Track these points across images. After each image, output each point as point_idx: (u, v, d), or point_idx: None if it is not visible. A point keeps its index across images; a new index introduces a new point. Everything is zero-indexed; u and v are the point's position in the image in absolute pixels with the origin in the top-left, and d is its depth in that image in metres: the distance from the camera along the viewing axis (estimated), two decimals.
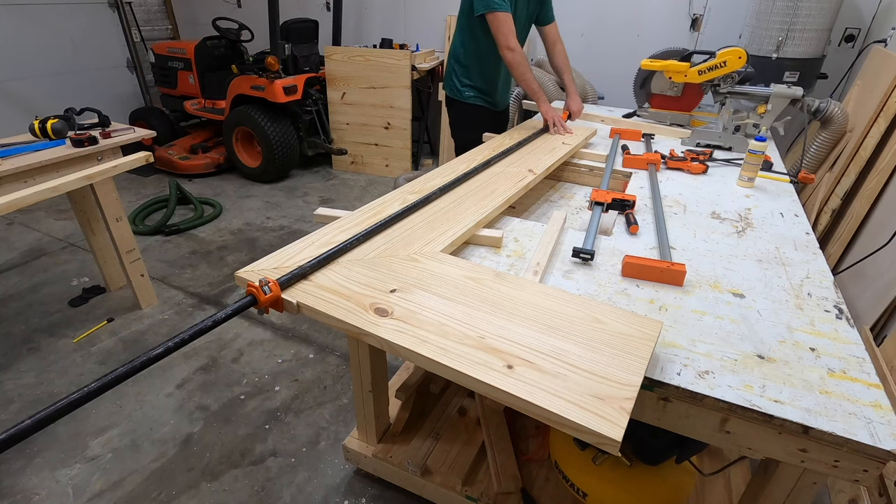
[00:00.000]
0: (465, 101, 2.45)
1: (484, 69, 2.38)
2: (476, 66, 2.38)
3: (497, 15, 2.07)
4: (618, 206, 1.51)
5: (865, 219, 2.24)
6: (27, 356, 2.30)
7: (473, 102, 2.45)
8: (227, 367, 2.26)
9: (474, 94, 2.44)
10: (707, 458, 1.64)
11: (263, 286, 0.95)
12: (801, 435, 0.83)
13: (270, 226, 3.62)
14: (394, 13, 4.81)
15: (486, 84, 2.43)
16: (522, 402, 0.78)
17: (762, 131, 2.13)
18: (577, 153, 2.08)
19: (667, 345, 0.97)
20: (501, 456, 1.58)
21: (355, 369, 1.55)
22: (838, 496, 1.62)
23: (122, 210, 2.40)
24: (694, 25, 3.78)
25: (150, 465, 1.80)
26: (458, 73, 2.43)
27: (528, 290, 1.04)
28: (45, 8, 4.65)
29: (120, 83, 5.39)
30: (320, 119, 4.45)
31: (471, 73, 2.40)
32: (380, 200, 1.44)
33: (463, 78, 2.43)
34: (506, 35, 2.10)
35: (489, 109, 2.50)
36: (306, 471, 1.79)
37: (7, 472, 1.76)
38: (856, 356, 0.96)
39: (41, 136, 2.24)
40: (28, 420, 0.68)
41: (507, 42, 2.11)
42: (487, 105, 2.48)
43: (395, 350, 0.90)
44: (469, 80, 2.42)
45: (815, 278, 1.22)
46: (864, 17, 3.24)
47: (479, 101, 2.46)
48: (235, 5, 5.46)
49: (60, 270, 3.00)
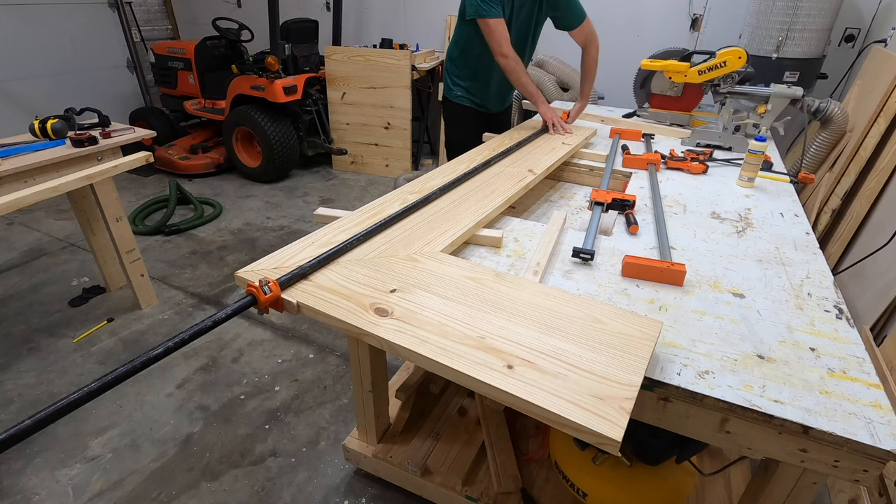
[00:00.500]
0: (454, 100, 2.46)
1: (474, 71, 2.38)
2: (467, 67, 2.39)
3: (488, 21, 2.06)
4: (618, 206, 1.52)
5: (865, 219, 2.24)
6: (27, 356, 2.30)
7: (461, 102, 2.45)
8: (227, 367, 2.26)
9: (463, 93, 2.44)
10: (707, 458, 1.64)
11: (263, 286, 0.95)
12: (801, 435, 0.83)
13: (270, 226, 3.62)
14: (394, 13, 4.82)
15: (475, 85, 2.43)
16: (522, 402, 0.78)
17: (762, 131, 2.13)
18: (577, 153, 2.08)
19: (667, 345, 0.97)
20: (501, 456, 1.58)
21: (355, 369, 1.55)
22: (838, 496, 1.62)
23: (122, 210, 2.40)
24: (694, 25, 3.78)
25: (150, 465, 1.80)
26: (451, 72, 2.45)
27: (528, 290, 1.04)
28: (45, 8, 4.65)
29: (120, 83, 5.39)
30: (320, 119, 4.45)
31: (462, 73, 2.42)
32: (380, 200, 1.44)
33: (454, 77, 2.44)
34: (498, 41, 2.09)
35: (477, 111, 2.49)
36: (306, 471, 1.79)
37: (7, 472, 1.76)
38: (856, 356, 0.96)
39: (41, 136, 2.24)
40: (28, 420, 0.68)
41: (500, 48, 2.10)
42: (475, 106, 2.47)
43: (395, 350, 0.90)
44: (459, 80, 2.43)
45: (815, 278, 1.23)
46: (864, 17, 3.24)
47: (467, 102, 2.45)
48: (235, 5, 5.46)
49: (60, 270, 3.00)
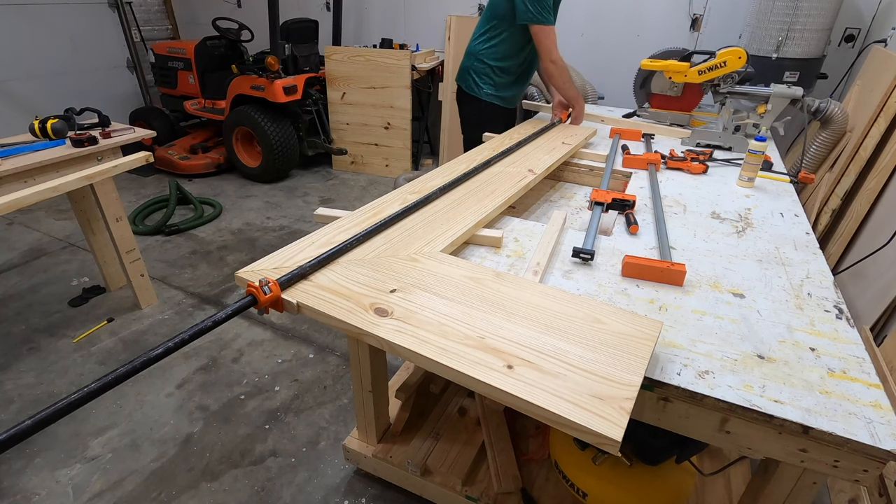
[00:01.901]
0: (485, 99, 2.48)
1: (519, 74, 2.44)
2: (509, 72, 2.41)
3: (545, 28, 2.14)
4: (618, 206, 1.51)
5: (865, 219, 2.24)
6: (27, 356, 2.30)
7: (491, 101, 2.48)
8: (227, 367, 2.26)
9: (493, 91, 2.46)
10: (707, 458, 1.64)
11: (263, 286, 0.95)
12: (801, 435, 0.83)
13: (270, 226, 3.62)
14: (394, 13, 4.82)
15: (516, 87, 2.48)
16: (522, 402, 0.78)
17: (762, 131, 2.12)
18: (577, 153, 2.08)
19: (667, 345, 0.97)
20: (501, 456, 1.58)
21: (355, 369, 1.55)
22: (838, 496, 1.62)
23: (122, 210, 2.40)
24: (694, 25, 3.78)
25: (150, 465, 1.80)
26: (482, 73, 2.44)
27: (528, 290, 1.04)
28: (44, 8, 4.65)
29: (120, 83, 5.39)
30: (320, 119, 4.45)
31: (503, 74, 2.42)
32: (380, 200, 1.44)
33: (488, 77, 2.44)
34: (549, 48, 2.17)
35: (504, 108, 2.55)
36: (306, 471, 1.79)
37: (7, 472, 1.76)
38: (856, 356, 0.96)
39: (41, 136, 2.24)
40: (28, 420, 0.68)
41: (551, 54, 2.18)
42: (504, 104, 2.52)
43: (395, 350, 0.90)
44: (494, 79, 2.44)
45: (815, 278, 1.22)
46: (864, 17, 3.24)
47: (496, 100, 2.49)
48: (235, 5, 5.46)
49: (60, 270, 3.00)
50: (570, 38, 4.12)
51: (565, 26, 4.02)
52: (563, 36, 2.48)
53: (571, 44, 4.13)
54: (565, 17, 3.84)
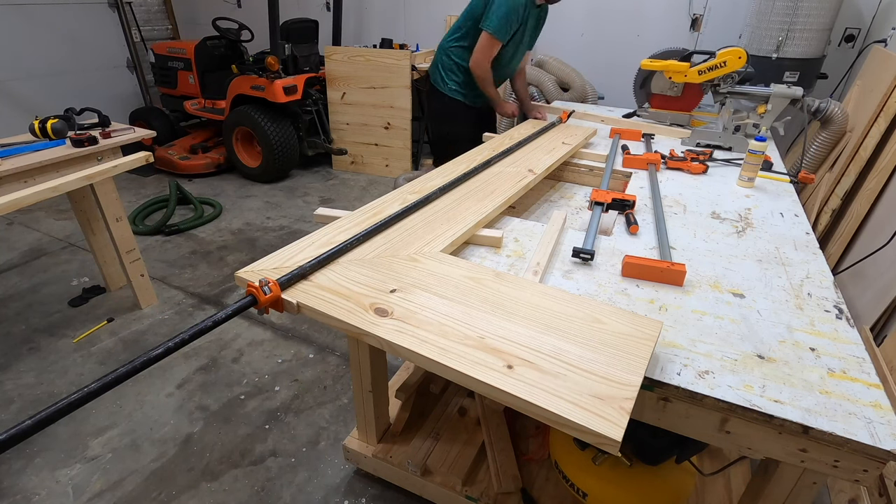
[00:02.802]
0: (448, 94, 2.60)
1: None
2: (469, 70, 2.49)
3: (491, 39, 2.32)
4: (618, 206, 1.52)
5: (865, 219, 2.24)
6: (27, 356, 2.30)
7: (454, 97, 2.59)
8: (227, 367, 2.26)
9: (457, 87, 2.58)
10: (707, 458, 1.64)
11: (263, 286, 0.95)
12: (801, 435, 0.83)
13: (270, 226, 3.62)
14: (394, 13, 4.82)
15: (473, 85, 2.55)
16: (522, 402, 0.78)
17: (762, 131, 2.13)
18: (577, 153, 2.08)
19: (667, 345, 0.97)
20: (501, 456, 1.58)
21: (355, 369, 1.55)
22: (838, 496, 1.62)
23: (122, 210, 2.40)
24: (694, 25, 3.78)
25: (150, 465, 1.80)
26: (448, 68, 2.57)
27: (528, 290, 1.04)
28: (44, 8, 4.65)
29: (120, 83, 5.39)
30: (320, 119, 4.45)
31: (461, 72, 2.54)
32: (380, 200, 1.44)
33: (452, 72, 2.56)
34: (487, 56, 2.37)
35: (467, 105, 2.63)
36: (306, 471, 1.79)
37: (7, 472, 1.76)
38: (856, 356, 0.96)
39: (41, 136, 2.24)
40: (28, 420, 0.68)
41: (485, 63, 2.39)
42: (467, 101, 2.62)
43: (395, 350, 0.90)
44: (456, 77, 2.56)
45: (815, 278, 1.23)
46: (864, 17, 3.24)
47: (459, 97, 2.59)
48: (235, 5, 5.46)
49: (60, 270, 3.00)
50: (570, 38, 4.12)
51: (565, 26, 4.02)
52: (564, 36, 2.49)
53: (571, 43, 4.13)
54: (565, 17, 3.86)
